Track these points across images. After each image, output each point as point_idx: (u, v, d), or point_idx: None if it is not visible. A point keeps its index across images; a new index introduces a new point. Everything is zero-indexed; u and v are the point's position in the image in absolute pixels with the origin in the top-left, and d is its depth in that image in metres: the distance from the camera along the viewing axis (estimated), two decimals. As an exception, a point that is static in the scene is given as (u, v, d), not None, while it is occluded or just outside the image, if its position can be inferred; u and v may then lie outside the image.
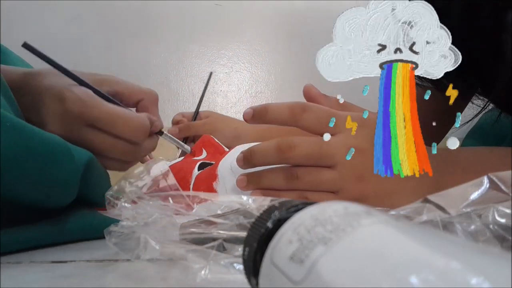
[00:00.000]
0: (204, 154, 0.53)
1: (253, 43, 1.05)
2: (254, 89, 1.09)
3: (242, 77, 1.08)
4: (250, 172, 0.37)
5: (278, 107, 0.36)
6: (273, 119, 0.36)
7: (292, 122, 0.36)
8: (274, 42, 1.05)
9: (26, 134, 0.28)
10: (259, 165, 0.36)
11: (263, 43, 1.05)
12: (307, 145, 0.35)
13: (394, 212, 0.24)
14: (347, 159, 0.28)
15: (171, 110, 1.02)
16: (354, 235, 0.14)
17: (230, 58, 1.06)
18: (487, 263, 0.11)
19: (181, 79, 1.04)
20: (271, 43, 1.05)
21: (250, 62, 1.06)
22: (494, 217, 0.22)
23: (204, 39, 1.05)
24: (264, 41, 1.05)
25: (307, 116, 0.35)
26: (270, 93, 1.10)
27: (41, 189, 0.30)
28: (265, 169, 0.36)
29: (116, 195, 0.29)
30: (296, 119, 0.35)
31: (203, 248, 0.24)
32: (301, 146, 0.35)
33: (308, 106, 0.36)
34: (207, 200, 0.28)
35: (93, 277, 0.25)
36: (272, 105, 0.36)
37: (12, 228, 0.30)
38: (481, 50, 0.33)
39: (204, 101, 1.05)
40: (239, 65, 1.06)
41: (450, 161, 0.35)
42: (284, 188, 0.36)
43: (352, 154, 0.28)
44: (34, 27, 1.02)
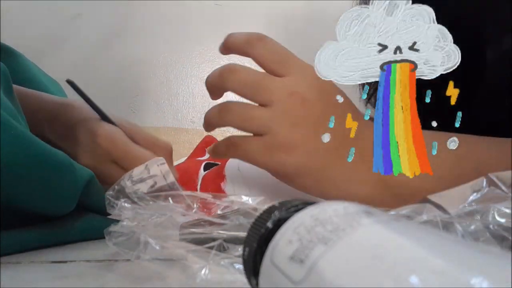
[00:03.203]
0: (207, 154, 0.53)
1: (253, 43, 1.05)
2: (254, 89, 1.09)
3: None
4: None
5: (238, 33, 0.36)
6: (231, 44, 0.36)
7: (245, 47, 0.35)
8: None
9: (30, 144, 0.29)
10: (206, 85, 0.36)
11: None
12: (248, 73, 0.34)
13: (394, 212, 0.24)
14: (348, 160, 0.28)
15: (171, 110, 1.02)
16: (354, 235, 0.14)
17: (230, 58, 1.05)
18: (487, 263, 0.12)
19: (181, 79, 1.04)
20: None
21: (250, 62, 1.06)
22: (494, 217, 0.22)
23: (204, 39, 1.05)
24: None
25: (262, 45, 0.34)
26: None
27: (41, 199, 0.30)
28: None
29: (116, 195, 0.29)
30: (250, 46, 0.34)
31: (203, 248, 0.24)
32: (242, 72, 0.34)
33: (265, 38, 0.35)
34: (207, 200, 0.28)
35: (93, 277, 0.25)
36: (232, 33, 0.36)
37: (12, 230, 0.30)
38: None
39: (204, 101, 1.05)
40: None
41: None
42: (219, 123, 0.35)
43: (353, 154, 0.28)
44: (34, 27, 1.02)
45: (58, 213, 0.33)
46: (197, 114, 1.03)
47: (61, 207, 0.33)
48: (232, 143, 0.35)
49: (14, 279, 0.24)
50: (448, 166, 0.31)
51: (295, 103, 0.32)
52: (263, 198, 0.27)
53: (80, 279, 0.24)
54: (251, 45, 0.34)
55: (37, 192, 0.30)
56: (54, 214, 0.32)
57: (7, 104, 0.31)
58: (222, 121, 0.35)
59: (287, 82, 0.33)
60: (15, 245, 0.30)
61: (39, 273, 0.25)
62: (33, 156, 0.29)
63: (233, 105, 0.34)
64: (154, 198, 0.28)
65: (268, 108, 0.33)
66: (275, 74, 0.34)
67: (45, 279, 0.24)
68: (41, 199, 0.30)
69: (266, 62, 0.34)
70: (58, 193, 0.31)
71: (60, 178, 0.31)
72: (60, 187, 0.31)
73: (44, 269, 0.26)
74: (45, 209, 0.32)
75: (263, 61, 0.34)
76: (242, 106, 0.34)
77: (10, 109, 0.31)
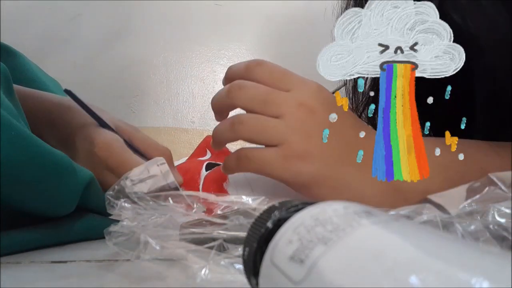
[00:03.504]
0: (208, 154, 0.53)
1: (253, 43, 1.05)
2: (254, 89, 1.09)
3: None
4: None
5: (237, 64, 0.37)
6: (232, 74, 0.37)
7: (245, 74, 0.35)
8: (274, 42, 1.05)
9: (30, 145, 0.29)
10: (213, 107, 0.37)
11: (263, 43, 1.05)
12: (256, 88, 0.34)
13: (394, 212, 0.24)
14: (357, 161, 0.28)
15: (171, 110, 1.02)
16: (354, 235, 0.14)
17: (230, 58, 1.05)
18: (487, 263, 0.11)
19: (181, 79, 1.04)
20: (271, 43, 1.05)
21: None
22: (494, 217, 0.22)
23: (204, 39, 1.05)
24: (264, 41, 1.05)
25: (260, 69, 0.35)
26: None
27: (41, 200, 0.30)
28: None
29: (116, 195, 0.29)
30: (250, 71, 0.35)
31: (203, 248, 0.24)
32: (250, 88, 0.34)
33: (263, 62, 0.36)
34: (207, 200, 0.28)
35: (93, 277, 0.25)
36: (232, 65, 0.37)
37: (12, 230, 0.30)
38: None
39: (204, 101, 1.05)
40: (239, 65, 1.06)
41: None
42: (230, 137, 0.35)
43: (362, 156, 0.28)
44: (34, 27, 1.02)
45: (57, 214, 0.33)
46: (197, 114, 1.03)
47: (61, 208, 0.33)
48: (244, 156, 0.35)
49: (14, 279, 0.24)
50: (454, 168, 0.31)
51: (304, 113, 0.33)
52: (263, 198, 0.27)
53: (80, 279, 0.24)
54: (251, 71, 0.35)
55: (37, 193, 0.30)
56: (53, 215, 0.32)
57: (8, 104, 0.31)
58: (235, 135, 0.35)
59: (293, 94, 0.34)
60: (15, 245, 0.29)
61: (39, 273, 0.25)
62: (33, 157, 0.29)
63: (245, 117, 0.34)
64: (154, 198, 0.28)
65: (280, 119, 0.33)
66: (279, 90, 0.34)
67: (45, 279, 0.24)
68: (41, 200, 0.30)
69: (268, 82, 0.35)
70: (58, 194, 0.31)
71: (60, 179, 0.31)
72: (60, 188, 0.31)
73: (44, 269, 0.26)
74: (45, 210, 0.32)
75: (265, 82, 0.35)
76: (255, 118, 0.34)
77: (11, 109, 0.31)
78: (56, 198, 0.31)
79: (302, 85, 0.34)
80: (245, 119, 0.34)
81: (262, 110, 0.34)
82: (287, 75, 0.35)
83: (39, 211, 0.31)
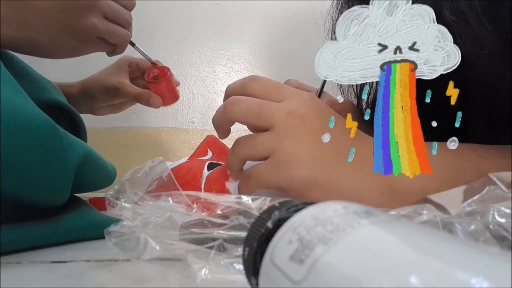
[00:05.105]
0: (209, 154, 0.53)
1: (253, 43, 1.05)
2: (254, 89, 1.09)
3: (242, 77, 1.07)
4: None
5: (234, 82, 0.39)
6: (231, 92, 0.39)
7: (242, 90, 0.38)
8: (274, 42, 1.05)
9: (19, 131, 0.28)
10: (214, 124, 0.39)
11: (263, 43, 1.05)
12: (249, 101, 0.36)
13: (394, 212, 0.24)
14: (348, 160, 0.28)
15: (171, 110, 1.02)
16: (354, 235, 0.14)
17: (230, 58, 1.05)
18: (487, 263, 0.11)
19: (181, 79, 1.04)
20: (271, 43, 1.05)
21: (250, 62, 1.06)
22: (494, 217, 0.22)
23: (204, 39, 1.05)
24: (264, 41, 1.05)
25: (254, 83, 0.37)
26: (270, 93, 1.09)
27: (35, 188, 0.30)
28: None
29: (116, 195, 0.29)
30: (245, 87, 0.38)
31: (203, 248, 0.24)
32: (244, 101, 0.36)
33: (257, 77, 0.38)
34: (207, 200, 0.28)
35: (93, 277, 0.25)
36: (229, 84, 0.40)
37: (12, 228, 0.30)
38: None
39: (204, 101, 1.05)
40: (239, 65, 1.06)
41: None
42: (237, 161, 0.37)
43: (353, 154, 0.28)
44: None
45: (54, 200, 0.32)
46: (197, 114, 1.03)
47: (54, 196, 0.32)
48: (246, 176, 0.37)
49: (14, 279, 0.24)
50: (450, 168, 0.31)
51: (294, 120, 0.34)
52: (263, 198, 0.27)
53: (80, 279, 0.24)
54: (246, 86, 0.38)
55: (29, 182, 0.29)
56: (50, 203, 0.32)
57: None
58: (238, 157, 0.37)
59: (284, 104, 0.35)
60: (15, 243, 0.29)
61: (39, 273, 0.25)
62: (22, 144, 0.28)
63: (240, 138, 0.37)
64: (154, 198, 0.28)
65: (270, 131, 0.35)
66: (273, 101, 0.36)
67: (45, 279, 0.24)
68: (34, 188, 0.30)
69: (261, 95, 0.37)
70: (49, 180, 0.31)
71: (50, 163, 0.30)
72: (52, 173, 0.31)
73: (44, 269, 0.26)
74: (40, 199, 0.31)
75: (259, 95, 0.37)
76: (247, 136, 0.36)
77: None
78: (47, 185, 0.31)
79: (294, 95, 0.36)
80: (239, 140, 0.37)
81: (256, 122, 0.35)
82: (280, 87, 0.37)
83: (34, 199, 0.31)
